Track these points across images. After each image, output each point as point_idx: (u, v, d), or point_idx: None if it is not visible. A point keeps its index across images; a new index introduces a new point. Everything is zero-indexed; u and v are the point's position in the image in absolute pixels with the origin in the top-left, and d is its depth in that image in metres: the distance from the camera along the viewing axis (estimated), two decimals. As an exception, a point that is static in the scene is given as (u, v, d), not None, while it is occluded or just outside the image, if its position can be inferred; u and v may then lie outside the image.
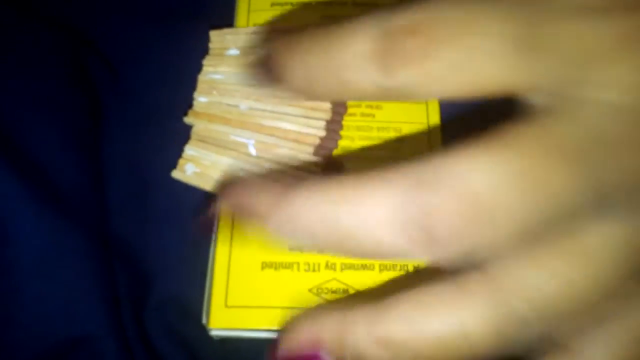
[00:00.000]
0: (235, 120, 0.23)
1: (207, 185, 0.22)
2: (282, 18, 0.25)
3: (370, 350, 0.13)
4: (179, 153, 0.23)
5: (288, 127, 0.23)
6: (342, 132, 0.23)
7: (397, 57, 0.13)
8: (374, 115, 0.23)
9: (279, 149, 0.22)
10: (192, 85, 0.25)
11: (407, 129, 0.23)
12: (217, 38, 0.25)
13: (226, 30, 0.25)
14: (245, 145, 0.23)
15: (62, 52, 0.25)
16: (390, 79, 0.13)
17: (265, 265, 0.21)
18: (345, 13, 0.25)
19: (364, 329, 0.13)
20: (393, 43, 0.13)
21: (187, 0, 0.28)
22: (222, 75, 0.24)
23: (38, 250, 0.20)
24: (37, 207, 0.20)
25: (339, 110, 0.23)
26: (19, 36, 0.24)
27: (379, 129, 0.23)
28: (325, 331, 0.13)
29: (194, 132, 0.23)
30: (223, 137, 0.23)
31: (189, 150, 0.23)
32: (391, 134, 0.23)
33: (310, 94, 0.14)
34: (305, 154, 0.22)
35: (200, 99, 0.24)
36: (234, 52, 0.24)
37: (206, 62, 0.24)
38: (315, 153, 0.22)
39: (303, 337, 0.14)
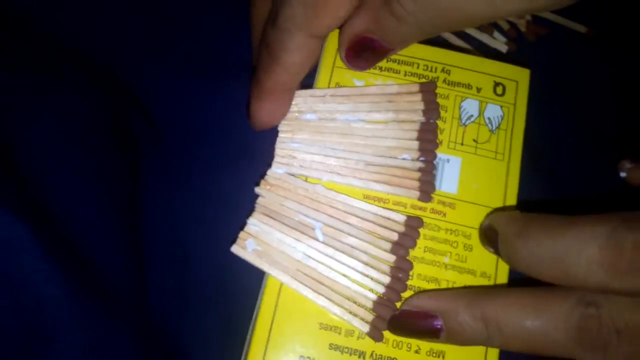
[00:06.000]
0: (306, 198, 0.22)
1: (265, 266, 0.21)
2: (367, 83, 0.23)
3: (470, 324, 0.18)
4: (221, 221, 0.22)
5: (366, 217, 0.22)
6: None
7: (626, 267, 0.16)
8: (445, 214, 0.22)
9: (349, 238, 0.21)
10: (235, 144, 0.23)
11: (477, 236, 0.22)
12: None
13: (302, 92, 0.23)
14: (312, 228, 0.22)
15: (104, 109, 0.23)
16: (617, 283, 0.16)
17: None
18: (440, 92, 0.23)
19: (471, 306, 0.19)
20: (622, 254, 0.16)
21: (244, 55, 0.25)
22: (300, 143, 0.22)
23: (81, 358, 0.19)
24: (83, 310, 0.19)
25: (425, 198, 0.22)
26: (61, 97, 0.22)
27: (447, 230, 0.22)
28: (441, 304, 0.19)
29: (259, 204, 0.22)
30: (290, 214, 0.22)
31: (251, 225, 0.22)
32: (459, 239, 0.22)
33: (531, 273, 0.18)
34: (378, 249, 0.21)
35: (277, 170, 0.22)
36: (311, 116, 0.22)
37: (282, 127, 0.22)
38: (392, 251, 0.21)
39: (423, 306, 0.20)
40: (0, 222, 0.17)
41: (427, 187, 0.22)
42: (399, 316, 0.20)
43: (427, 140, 0.22)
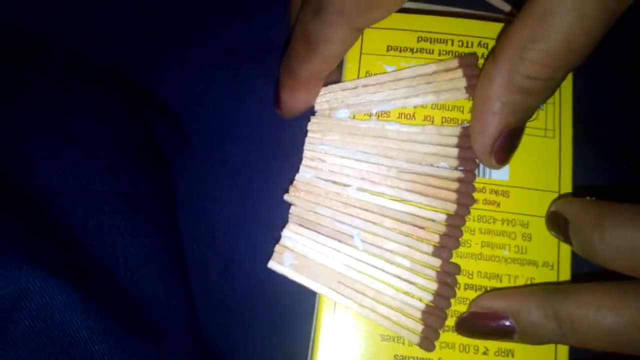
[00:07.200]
0: (339, 203, 0.20)
1: (305, 280, 0.19)
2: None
3: (543, 323, 0.17)
4: (258, 226, 0.21)
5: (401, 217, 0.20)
6: (460, 223, 0.20)
7: None
8: (499, 204, 0.20)
9: (389, 243, 0.19)
10: (265, 144, 0.22)
11: (535, 224, 0.20)
12: (319, 97, 0.20)
13: (331, 87, 0.20)
14: (350, 236, 0.20)
15: (129, 127, 0.22)
16: None
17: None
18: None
19: (543, 304, 0.17)
20: None
21: (267, 36, 0.24)
22: (330, 145, 0.20)
23: None
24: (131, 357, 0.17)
25: (463, 211, 0.20)
26: (84, 127, 0.20)
27: (503, 221, 0.20)
28: (511, 304, 0.18)
29: (292, 214, 0.20)
30: (325, 222, 0.20)
31: (287, 237, 0.20)
32: (517, 229, 0.20)
33: (608, 266, 0.17)
34: (421, 253, 0.19)
35: (305, 174, 0.20)
36: (343, 113, 0.20)
37: (311, 126, 0.20)
38: (435, 254, 0.19)
39: (492, 306, 0.18)
40: (38, 287, 0.17)
41: (465, 199, 0.20)
42: (468, 318, 0.19)
43: (468, 147, 0.20)
